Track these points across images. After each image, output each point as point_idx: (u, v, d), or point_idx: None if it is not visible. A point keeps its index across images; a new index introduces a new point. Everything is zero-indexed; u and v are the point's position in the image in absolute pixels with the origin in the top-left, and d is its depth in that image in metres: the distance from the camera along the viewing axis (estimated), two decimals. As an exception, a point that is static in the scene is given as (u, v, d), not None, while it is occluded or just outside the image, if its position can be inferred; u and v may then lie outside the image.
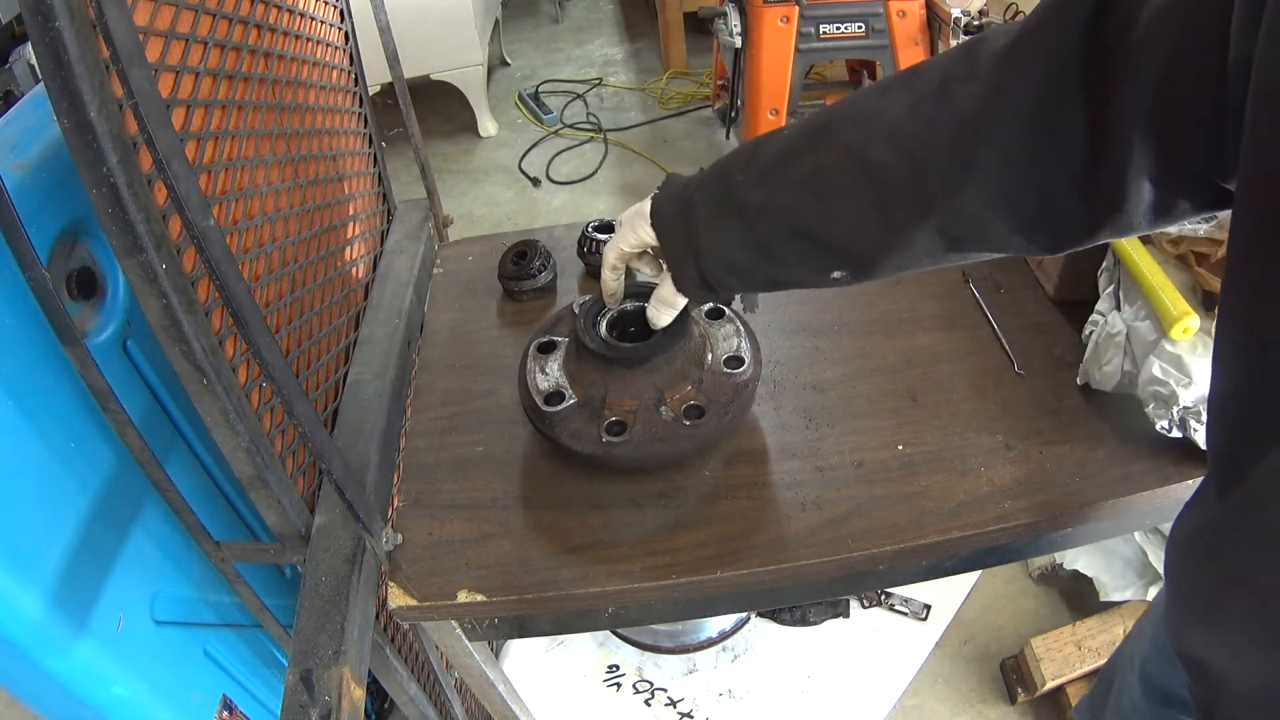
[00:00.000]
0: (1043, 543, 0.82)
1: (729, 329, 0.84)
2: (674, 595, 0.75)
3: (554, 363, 0.82)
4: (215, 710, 0.88)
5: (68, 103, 0.43)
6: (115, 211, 0.46)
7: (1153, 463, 0.77)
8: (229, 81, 0.76)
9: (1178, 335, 0.72)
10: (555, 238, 1.15)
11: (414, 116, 1.18)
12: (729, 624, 1.50)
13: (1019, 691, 1.37)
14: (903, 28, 2.24)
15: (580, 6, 4.19)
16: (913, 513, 0.76)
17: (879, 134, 0.56)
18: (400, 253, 1.14)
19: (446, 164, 3.03)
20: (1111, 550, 1.44)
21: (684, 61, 3.39)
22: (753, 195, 0.61)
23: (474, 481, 0.84)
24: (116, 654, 0.74)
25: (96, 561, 0.73)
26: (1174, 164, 0.47)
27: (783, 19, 2.21)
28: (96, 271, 0.76)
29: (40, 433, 0.67)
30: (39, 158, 0.70)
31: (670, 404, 0.76)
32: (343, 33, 1.12)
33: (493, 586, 0.74)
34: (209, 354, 0.55)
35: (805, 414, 0.86)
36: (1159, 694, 0.79)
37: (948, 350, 0.92)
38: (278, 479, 0.66)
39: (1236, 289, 0.43)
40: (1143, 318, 0.77)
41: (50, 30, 0.40)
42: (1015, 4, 2.66)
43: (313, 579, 0.70)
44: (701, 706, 1.41)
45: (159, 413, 0.82)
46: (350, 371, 0.95)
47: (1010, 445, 0.81)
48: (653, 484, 0.80)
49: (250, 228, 0.77)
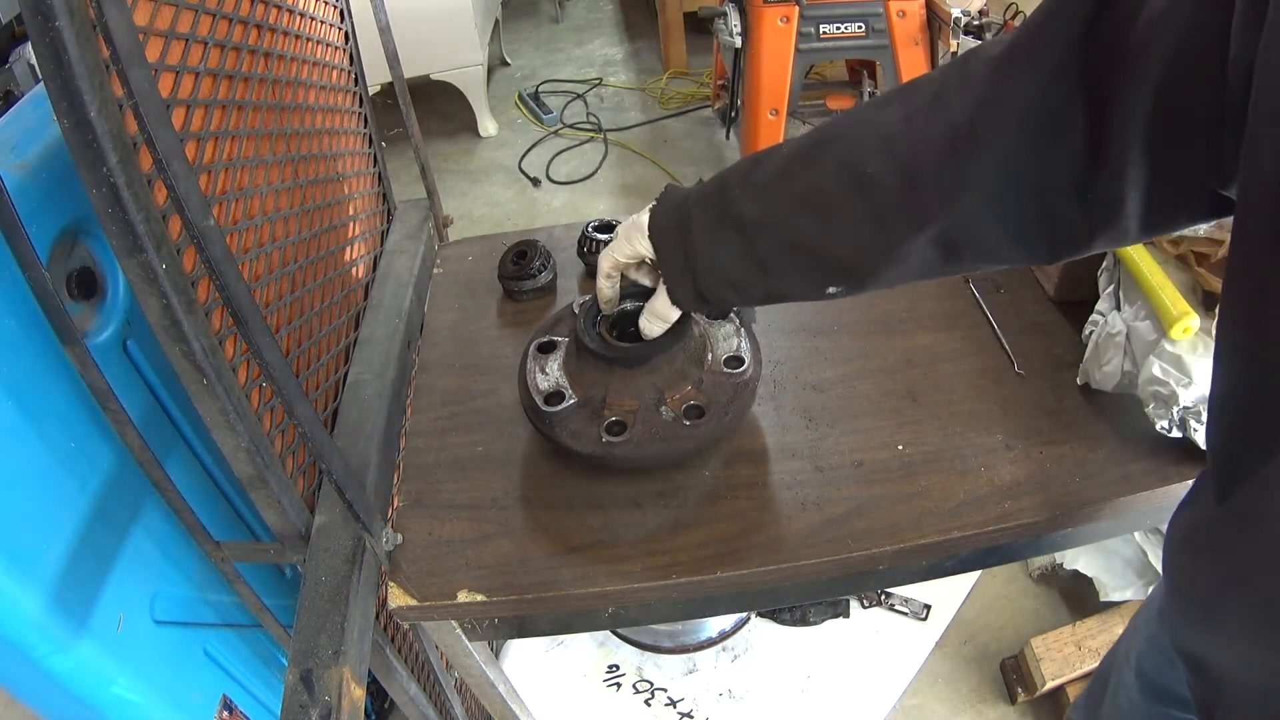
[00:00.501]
0: (1043, 543, 0.82)
1: (729, 329, 0.84)
2: (674, 595, 0.75)
3: (554, 363, 0.82)
4: (215, 710, 0.88)
5: (68, 103, 0.43)
6: (115, 211, 0.46)
7: (1153, 463, 0.77)
8: (229, 81, 0.76)
9: (1178, 335, 0.72)
10: (555, 238, 1.15)
11: (414, 116, 1.18)
12: (729, 624, 1.50)
13: (1019, 691, 1.37)
14: (903, 28, 2.24)
15: (580, 6, 4.19)
16: (913, 513, 0.76)
17: (874, 145, 0.56)
18: (400, 253, 1.14)
19: (446, 164, 3.03)
20: (1111, 550, 1.44)
21: (684, 61, 3.39)
22: (751, 209, 0.61)
23: (474, 481, 0.84)
24: (116, 654, 0.74)
25: (96, 561, 0.73)
26: (1173, 168, 0.47)
27: (783, 19, 2.21)
28: (96, 271, 0.76)
29: (40, 433, 0.67)
30: (39, 158, 0.70)
31: (670, 404, 0.76)
32: (343, 33, 1.12)
33: (493, 586, 0.74)
34: (209, 354, 0.55)
35: (805, 414, 0.86)
36: (1156, 690, 0.80)
37: (948, 350, 0.92)
38: (278, 479, 0.66)
39: (1239, 290, 0.43)
40: (1143, 318, 0.77)
41: (50, 30, 0.40)
42: (1015, 4, 2.66)
43: (313, 579, 0.70)
44: (701, 706, 1.41)
45: (159, 413, 0.82)
46: (350, 371, 0.95)
47: (1010, 445, 0.81)
48: (653, 484, 0.80)
49: (250, 228, 0.77)
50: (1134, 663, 0.83)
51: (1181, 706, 0.76)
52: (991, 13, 2.61)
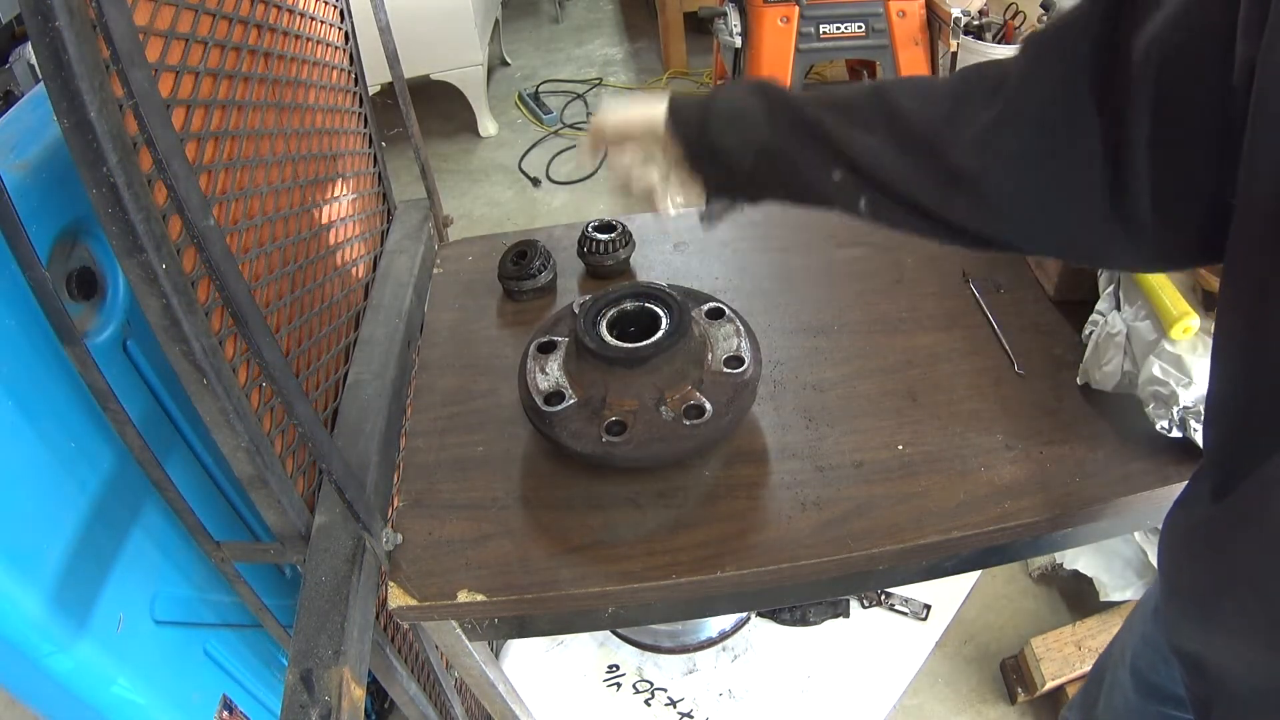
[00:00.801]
0: (1043, 543, 0.82)
1: (729, 329, 0.84)
2: (674, 595, 0.75)
3: (554, 363, 0.82)
4: (215, 710, 0.88)
5: (68, 103, 0.43)
6: (115, 211, 0.46)
7: (1153, 463, 0.77)
8: (229, 81, 0.76)
9: (1178, 335, 0.72)
10: (555, 238, 1.16)
11: (414, 116, 1.18)
12: (729, 624, 1.50)
13: (1019, 691, 1.37)
14: (903, 28, 2.24)
15: (580, 6, 4.19)
16: (913, 513, 0.76)
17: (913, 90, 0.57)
18: (400, 253, 1.14)
19: (446, 164, 3.03)
20: (1111, 550, 1.44)
21: (684, 61, 3.39)
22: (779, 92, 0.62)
23: (474, 481, 0.84)
24: (116, 654, 0.74)
25: (96, 561, 0.73)
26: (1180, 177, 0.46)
27: (783, 19, 2.21)
28: (96, 271, 0.76)
29: (40, 433, 0.67)
30: (39, 158, 0.70)
31: (670, 404, 0.76)
32: (343, 33, 1.12)
33: (493, 586, 0.74)
34: (209, 354, 0.55)
35: (805, 414, 0.86)
36: (1150, 689, 0.80)
37: (948, 350, 0.92)
38: (278, 479, 0.66)
39: (1238, 290, 0.43)
40: (1143, 318, 0.77)
41: (50, 30, 0.40)
42: (1015, 4, 2.66)
43: (313, 579, 0.70)
44: (701, 706, 1.41)
45: (159, 413, 0.82)
46: (350, 371, 0.95)
47: (1010, 445, 0.81)
48: (653, 484, 0.80)
49: (250, 228, 0.77)
50: (1129, 661, 0.83)
51: (1176, 705, 0.76)
52: (991, 13, 2.61)
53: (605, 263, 1.06)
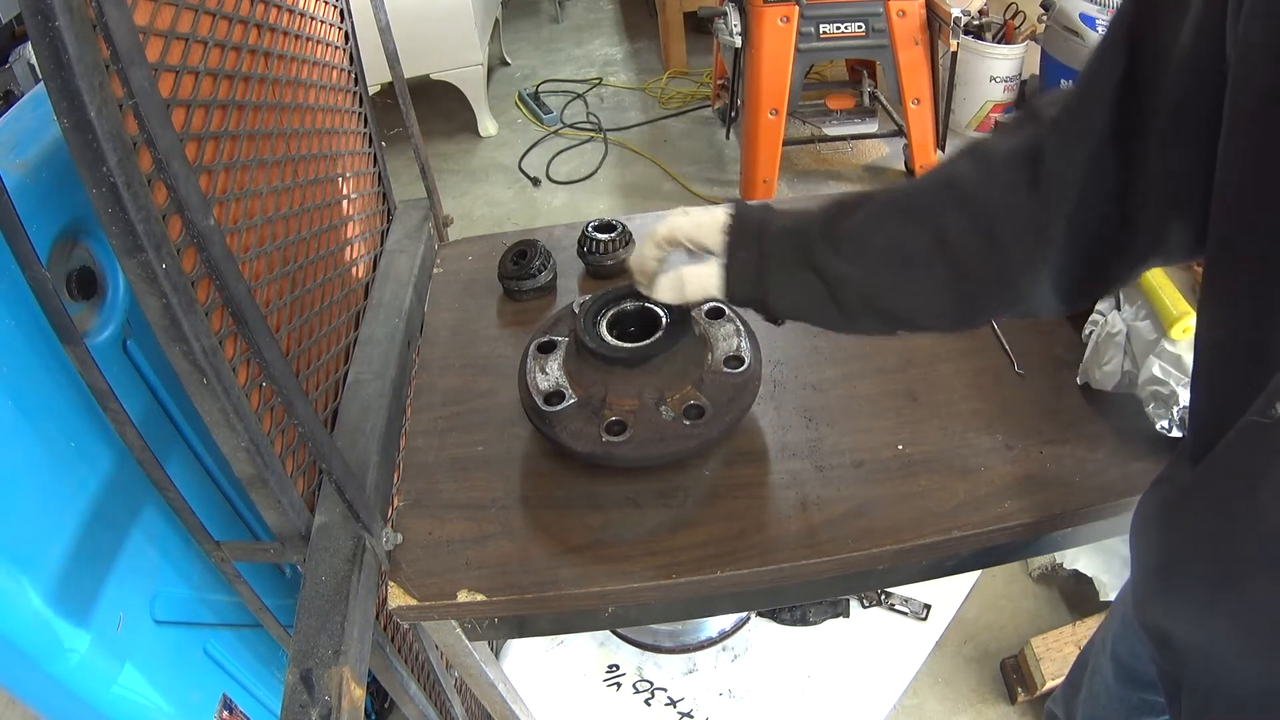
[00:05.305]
0: (1043, 543, 0.82)
1: (729, 329, 0.84)
2: (674, 595, 0.75)
3: (554, 362, 0.82)
4: (215, 710, 0.88)
5: (68, 103, 0.43)
6: (115, 211, 0.46)
7: (1153, 463, 0.77)
8: (229, 81, 0.76)
9: (1178, 335, 0.72)
10: (555, 238, 1.15)
11: (414, 116, 1.18)
12: (729, 624, 1.50)
13: (1019, 691, 1.37)
14: (903, 27, 2.24)
15: (580, 6, 4.19)
16: (913, 513, 0.76)
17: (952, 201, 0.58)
18: (400, 252, 1.14)
19: (446, 164, 3.03)
20: (1111, 550, 1.44)
21: (684, 61, 3.39)
22: (834, 264, 0.62)
23: (474, 481, 0.84)
24: (116, 654, 0.74)
25: (96, 561, 0.73)
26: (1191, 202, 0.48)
27: (783, 19, 2.21)
28: (96, 271, 0.76)
29: (40, 433, 0.67)
30: (39, 158, 0.70)
31: (670, 404, 0.76)
32: (343, 32, 1.12)
33: (493, 586, 0.74)
34: (209, 354, 0.55)
35: (805, 414, 0.86)
36: (1129, 674, 0.80)
37: (947, 350, 0.92)
38: (278, 479, 0.66)
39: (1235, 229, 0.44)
40: (1143, 317, 0.77)
41: (50, 30, 0.40)
42: (1015, 4, 2.66)
43: (313, 579, 0.70)
44: (701, 706, 1.41)
45: (159, 413, 0.82)
46: (350, 371, 0.95)
47: (1010, 445, 0.81)
48: (653, 484, 0.80)
49: (250, 228, 0.77)
50: (1109, 647, 0.83)
51: (1154, 690, 0.77)
52: (991, 12, 2.61)
53: (605, 263, 1.06)
